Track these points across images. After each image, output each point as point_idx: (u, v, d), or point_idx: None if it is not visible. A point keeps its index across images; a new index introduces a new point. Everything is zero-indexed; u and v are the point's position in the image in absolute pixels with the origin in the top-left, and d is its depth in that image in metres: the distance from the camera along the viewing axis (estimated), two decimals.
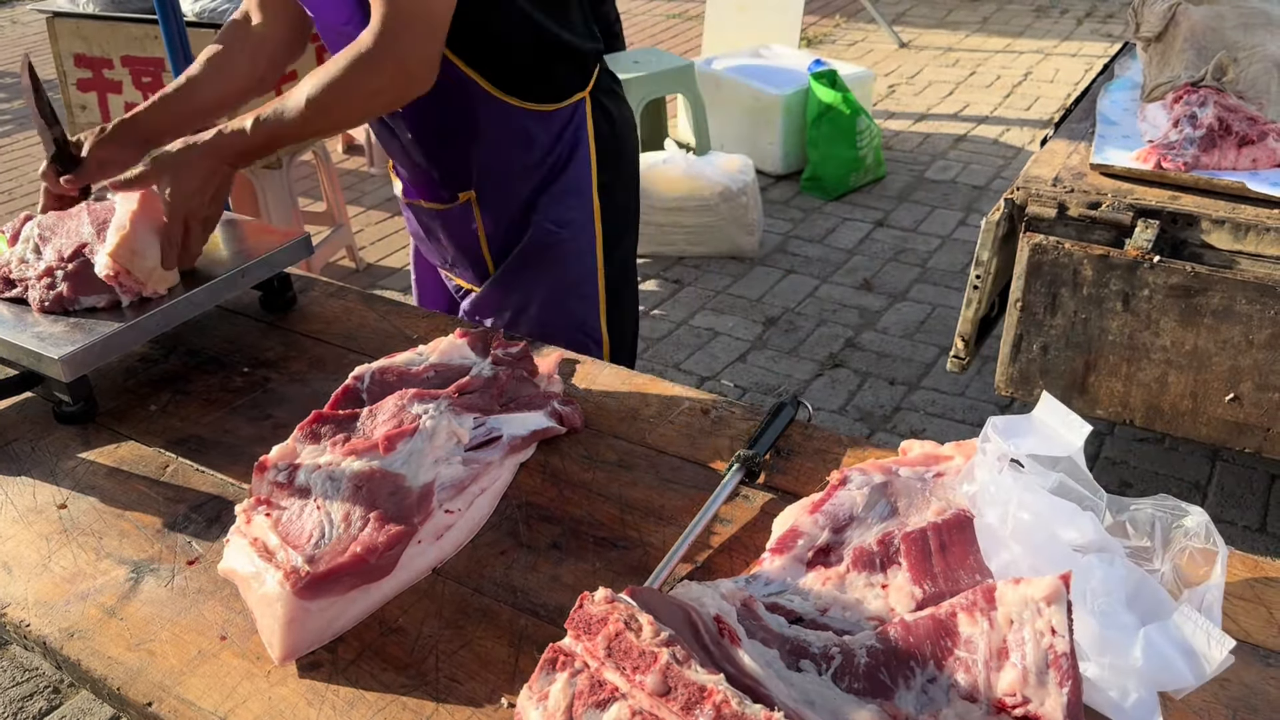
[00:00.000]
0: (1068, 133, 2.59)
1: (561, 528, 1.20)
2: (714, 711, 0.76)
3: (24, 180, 5.41)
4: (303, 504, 1.12)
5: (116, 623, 1.09)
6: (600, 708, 0.80)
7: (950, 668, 0.85)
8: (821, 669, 0.88)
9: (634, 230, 1.94)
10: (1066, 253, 2.18)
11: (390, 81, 1.50)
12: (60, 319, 1.45)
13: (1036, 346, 2.30)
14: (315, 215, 4.39)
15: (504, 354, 1.41)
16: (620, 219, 1.84)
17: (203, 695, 1.00)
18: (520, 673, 1.00)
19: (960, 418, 3.29)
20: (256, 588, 1.04)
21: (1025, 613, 0.84)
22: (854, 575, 1.01)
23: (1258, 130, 2.27)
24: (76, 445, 1.39)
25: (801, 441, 1.32)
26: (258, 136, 1.53)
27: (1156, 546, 1.04)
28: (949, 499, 1.09)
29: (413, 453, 1.19)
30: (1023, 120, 5.72)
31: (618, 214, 1.83)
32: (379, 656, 1.04)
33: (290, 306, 1.70)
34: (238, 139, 1.52)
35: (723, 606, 0.92)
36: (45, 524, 1.24)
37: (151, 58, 3.47)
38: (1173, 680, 0.88)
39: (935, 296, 4.04)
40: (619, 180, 1.82)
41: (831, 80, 4.79)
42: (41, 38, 7.87)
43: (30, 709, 2.34)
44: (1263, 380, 2.11)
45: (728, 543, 1.16)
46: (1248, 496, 2.94)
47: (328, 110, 1.51)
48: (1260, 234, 2.08)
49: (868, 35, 7.43)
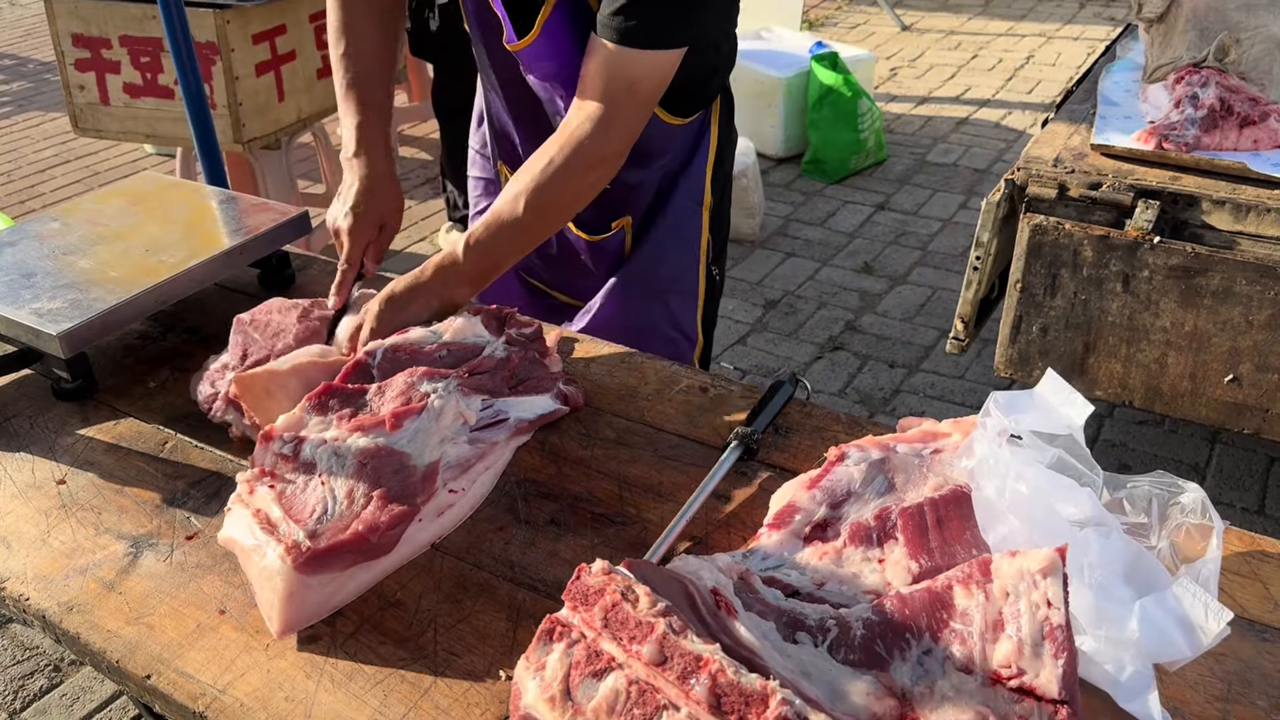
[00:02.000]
0: (1069, 114, 2.59)
1: (560, 504, 1.20)
2: (710, 681, 0.77)
3: (23, 162, 5.39)
4: (307, 478, 1.12)
5: (115, 597, 1.10)
6: (597, 677, 0.80)
7: (946, 640, 0.86)
8: (818, 641, 0.88)
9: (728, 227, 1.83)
10: (1067, 233, 2.18)
11: (610, 170, 1.42)
12: (59, 294, 1.45)
13: (1036, 328, 2.30)
14: (315, 197, 4.38)
15: (518, 334, 1.40)
16: (724, 212, 1.75)
17: (201, 668, 1.01)
18: (518, 646, 1.00)
19: (960, 400, 3.29)
20: (257, 560, 1.04)
21: (1021, 585, 0.84)
22: (851, 550, 1.02)
23: (1259, 111, 2.26)
24: (75, 422, 1.39)
25: (800, 419, 1.32)
26: (477, 263, 1.41)
27: (1153, 523, 1.04)
28: (946, 475, 1.09)
29: (419, 431, 1.18)
30: (1024, 104, 5.70)
31: (724, 206, 1.74)
32: (378, 630, 1.04)
33: (289, 284, 1.70)
34: (451, 272, 1.40)
35: (720, 579, 0.92)
36: (44, 499, 1.24)
37: (150, 37, 3.46)
38: (1168, 652, 0.89)
39: (936, 280, 4.03)
40: (726, 169, 1.74)
41: (833, 63, 4.77)
42: (40, 18, 7.84)
43: (31, 687, 2.35)
44: (1262, 361, 2.10)
45: (726, 519, 1.16)
46: (1246, 478, 2.95)
47: (553, 212, 1.42)
48: (1261, 215, 2.08)
49: (870, 18, 7.39)
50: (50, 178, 5.18)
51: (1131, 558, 0.95)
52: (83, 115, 3.69)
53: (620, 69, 1.35)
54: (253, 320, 1.44)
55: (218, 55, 3.41)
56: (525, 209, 1.38)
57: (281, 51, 3.64)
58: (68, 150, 5.48)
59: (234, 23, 3.40)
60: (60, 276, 1.50)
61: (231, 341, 1.42)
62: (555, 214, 1.44)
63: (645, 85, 1.38)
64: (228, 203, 1.71)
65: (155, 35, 3.43)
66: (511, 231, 1.40)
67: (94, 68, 3.58)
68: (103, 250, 1.57)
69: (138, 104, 3.61)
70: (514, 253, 1.46)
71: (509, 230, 1.40)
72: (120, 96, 3.61)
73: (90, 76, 3.60)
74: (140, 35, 3.48)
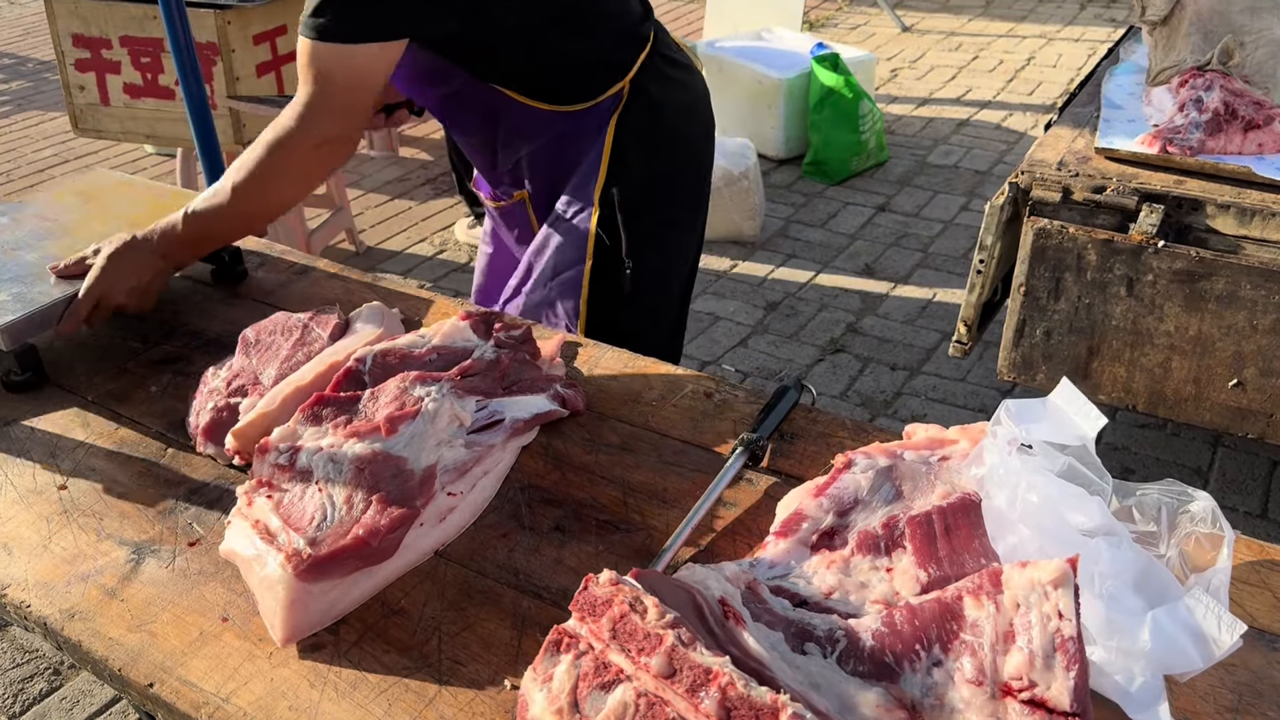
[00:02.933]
0: (1072, 117, 2.58)
1: (564, 510, 1.19)
2: (719, 694, 0.76)
3: (23, 162, 5.38)
4: (304, 486, 1.12)
5: (117, 604, 1.09)
6: (605, 689, 0.79)
7: (956, 651, 0.85)
8: (826, 652, 0.87)
9: (677, 223, 1.82)
10: (1071, 237, 2.17)
11: (330, 153, 1.53)
12: (4, 287, 1.50)
13: (1040, 331, 2.29)
14: (315, 198, 4.36)
15: (506, 337, 1.40)
16: (632, 231, 1.72)
17: (204, 676, 1.00)
18: (523, 655, 1.00)
19: (962, 403, 3.29)
20: (258, 570, 1.04)
21: (1032, 596, 0.84)
22: (859, 559, 1.01)
23: (1264, 114, 2.26)
24: (76, 427, 1.38)
25: (805, 425, 1.31)
26: (191, 232, 1.53)
27: (1163, 531, 1.04)
28: (954, 482, 1.08)
29: (415, 435, 1.18)
30: (1025, 105, 5.69)
31: (642, 199, 1.72)
32: (381, 638, 1.04)
33: (241, 279, 1.73)
34: (171, 236, 1.53)
35: (727, 589, 0.92)
36: (45, 505, 1.24)
37: (150, 38, 3.45)
38: (1179, 664, 0.88)
39: (937, 281, 4.02)
40: (652, 165, 1.73)
41: (834, 64, 4.76)
42: (39, 17, 7.82)
43: (30, 691, 2.34)
44: (1266, 366, 2.10)
45: (731, 526, 1.16)
46: (1249, 482, 2.94)
47: (256, 196, 1.52)
48: (1266, 219, 2.07)
49: (870, 19, 7.39)
50: (49, 178, 5.17)
51: (1142, 567, 0.94)
52: (83, 115, 3.68)
53: (311, 62, 1.46)
54: (257, 340, 1.44)
55: (218, 56, 3.40)
56: (232, 190, 1.50)
57: (282, 52, 3.64)
58: (67, 150, 5.47)
59: (234, 23, 3.40)
60: (5, 271, 1.55)
61: (234, 361, 1.42)
62: (259, 198, 1.54)
63: (340, 77, 1.46)
64: (175, 199, 1.76)
65: (156, 35, 3.42)
66: (220, 211, 1.52)
67: (94, 68, 3.57)
68: (49, 245, 1.62)
69: (138, 104, 3.60)
70: (229, 229, 1.59)
71: (220, 209, 1.52)
72: (121, 97, 3.60)
73: (90, 77, 3.59)
74: (141, 35, 3.47)
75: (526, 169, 1.74)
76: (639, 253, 1.74)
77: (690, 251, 1.90)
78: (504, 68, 1.61)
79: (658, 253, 1.78)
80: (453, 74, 1.63)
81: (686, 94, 1.80)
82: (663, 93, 1.72)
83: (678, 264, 1.86)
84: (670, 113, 1.74)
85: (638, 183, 1.71)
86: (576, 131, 1.69)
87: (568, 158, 1.71)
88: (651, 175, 1.73)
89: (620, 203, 1.70)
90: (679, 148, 1.79)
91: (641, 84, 1.70)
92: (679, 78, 1.79)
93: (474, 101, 1.66)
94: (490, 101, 1.64)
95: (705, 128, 1.86)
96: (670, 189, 1.79)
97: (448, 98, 1.70)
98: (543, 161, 1.72)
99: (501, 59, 1.60)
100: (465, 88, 1.64)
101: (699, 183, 1.87)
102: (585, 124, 1.68)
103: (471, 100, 1.66)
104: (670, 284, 1.86)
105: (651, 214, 1.75)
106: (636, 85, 1.69)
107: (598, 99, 1.67)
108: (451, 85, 1.66)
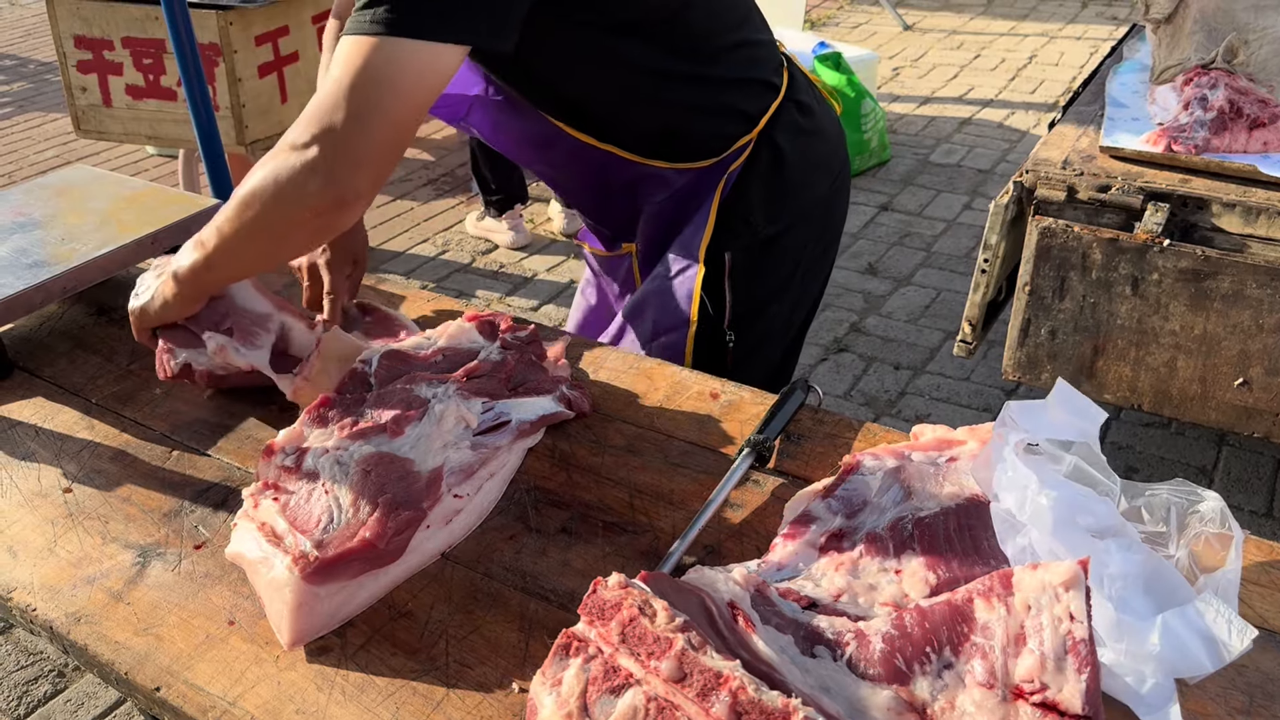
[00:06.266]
0: (1076, 115, 2.57)
1: (570, 512, 1.19)
2: (730, 698, 0.76)
3: (24, 163, 5.38)
4: (310, 488, 1.11)
5: (123, 607, 1.09)
6: (615, 694, 0.79)
7: (967, 654, 0.85)
8: (836, 655, 0.87)
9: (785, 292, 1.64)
10: (1075, 236, 2.17)
11: (316, 224, 1.24)
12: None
13: (1044, 331, 2.29)
14: None
15: (512, 338, 1.40)
16: (754, 270, 1.58)
17: (211, 680, 1.00)
18: (531, 658, 0.99)
19: (966, 403, 3.28)
20: (265, 573, 1.03)
21: (1043, 598, 0.83)
22: (867, 561, 1.00)
23: (1269, 113, 2.25)
24: (81, 429, 1.38)
25: (812, 426, 1.31)
26: (185, 287, 1.36)
27: (1172, 532, 1.03)
28: (963, 484, 1.08)
29: (421, 437, 1.18)
30: (1027, 104, 5.69)
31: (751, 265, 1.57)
32: (388, 641, 1.03)
33: None
34: (172, 286, 1.37)
35: (736, 592, 0.91)
36: (50, 508, 1.23)
37: (153, 39, 3.45)
38: (1190, 667, 0.88)
39: (940, 281, 4.02)
40: (769, 228, 1.57)
41: (836, 63, 4.76)
42: (40, 18, 7.83)
43: (35, 693, 2.34)
44: (1272, 365, 2.09)
45: (738, 528, 1.15)
46: (1254, 481, 2.94)
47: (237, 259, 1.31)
48: (1271, 218, 2.07)
49: (872, 18, 7.38)
50: None
51: (1151, 569, 0.94)
52: (85, 117, 3.68)
53: (365, 68, 1.16)
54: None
55: (220, 57, 3.40)
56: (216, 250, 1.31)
57: (284, 53, 3.64)
58: (69, 151, 5.47)
59: (236, 24, 3.39)
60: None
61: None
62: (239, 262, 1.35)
63: (405, 82, 1.18)
64: (148, 195, 1.76)
65: (158, 37, 3.42)
66: (203, 279, 1.36)
67: (96, 69, 3.57)
68: (20, 238, 1.64)
69: (140, 105, 3.60)
70: (217, 282, 1.40)
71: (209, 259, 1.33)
72: (123, 98, 3.60)
73: (93, 78, 3.59)
74: (142, 37, 3.47)
75: (639, 223, 1.64)
76: (740, 325, 1.60)
77: (800, 316, 1.74)
78: (609, 122, 1.50)
79: (765, 322, 1.64)
80: (561, 138, 1.52)
81: (818, 145, 1.63)
82: (792, 144, 1.56)
83: (782, 333, 1.71)
84: (797, 169, 1.58)
85: (749, 246, 1.56)
86: (694, 189, 1.56)
87: (681, 215, 1.59)
88: (768, 239, 1.58)
89: (730, 268, 1.56)
90: (803, 207, 1.61)
91: (770, 135, 1.54)
92: (811, 127, 1.61)
93: (584, 160, 1.54)
94: (602, 159, 1.53)
95: (835, 182, 1.67)
96: (786, 254, 1.62)
97: (555, 159, 1.61)
98: (653, 217, 1.61)
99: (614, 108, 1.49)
100: (575, 149, 1.53)
101: (821, 246, 1.68)
102: (705, 181, 1.55)
103: (581, 157, 1.54)
104: (774, 353, 1.72)
105: (761, 281, 1.59)
106: (764, 137, 1.54)
107: (719, 156, 1.52)
108: (560, 148, 1.54)
